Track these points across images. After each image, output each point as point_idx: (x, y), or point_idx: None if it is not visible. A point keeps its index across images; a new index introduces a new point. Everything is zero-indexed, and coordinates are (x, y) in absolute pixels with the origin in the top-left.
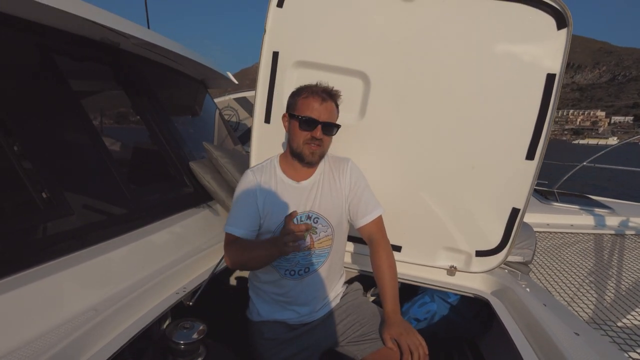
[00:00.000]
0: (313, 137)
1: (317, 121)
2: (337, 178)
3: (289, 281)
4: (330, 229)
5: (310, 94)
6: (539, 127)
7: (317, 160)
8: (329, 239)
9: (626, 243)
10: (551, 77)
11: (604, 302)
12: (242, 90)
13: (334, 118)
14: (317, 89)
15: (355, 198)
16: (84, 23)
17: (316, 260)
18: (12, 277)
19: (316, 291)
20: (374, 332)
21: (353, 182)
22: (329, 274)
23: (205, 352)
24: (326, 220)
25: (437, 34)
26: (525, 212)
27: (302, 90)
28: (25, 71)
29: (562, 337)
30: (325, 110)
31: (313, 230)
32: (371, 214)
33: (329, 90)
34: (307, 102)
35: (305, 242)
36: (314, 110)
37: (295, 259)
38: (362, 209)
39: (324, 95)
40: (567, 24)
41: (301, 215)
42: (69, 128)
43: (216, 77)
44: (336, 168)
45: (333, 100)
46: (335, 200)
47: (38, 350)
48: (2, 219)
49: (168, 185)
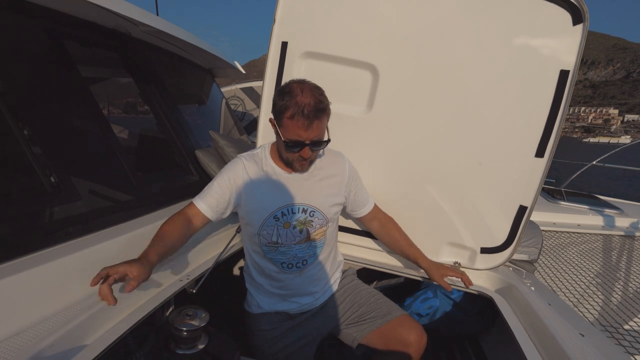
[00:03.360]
0: (301, 157)
1: (304, 143)
2: (332, 169)
3: (288, 274)
4: (325, 219)
5: (296, 114)
6: (550, 124)
7: (308, 168)
8: (323, 230)
9: (635, 245)
10: (565, 73)
11: (610, 304)
12: (249, 80)
13: (322, 133)
14: (304, 104)
15: (354, 189)
16: (94, 9)
17: (313, 251)
18: (19, 260)
19: (316, 281)
20: (372, 311)
21: (352, 174)
22: (326, 262)
23: (207, 339)
24: (321, 212)
25: (448, 26)
26: (532, 211)
27: (289, 103)
28: (35, 57)
29: (567, 338)
30: (313, 131)
31: (309, 223)
32: (370, 202)
33: (318, 105)
34: (293, 124)
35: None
36: (301, 134)
37: (292, 252)
38: (362, 199)
39: (312, 114)
40: (584, 20)
41: (297, 207)
42: (77, 114)
43: (223, 66)
44: (331, 160)
45: (323, 114)
46: (330, 191)
47: (42, 333)
48: (11, 201)
49: (174, 173)
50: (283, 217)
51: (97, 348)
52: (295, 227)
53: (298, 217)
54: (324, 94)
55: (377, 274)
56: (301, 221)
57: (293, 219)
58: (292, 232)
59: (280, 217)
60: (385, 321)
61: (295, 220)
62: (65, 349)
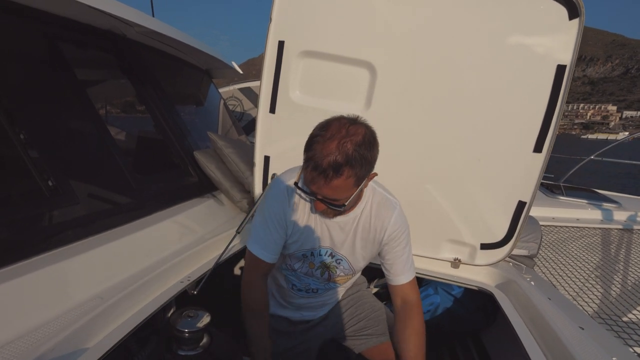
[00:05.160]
0: (314, 207)
1: (314, 196)
2: (373, 228)
3: (295, 295)
4: (352, 271)
5: (311, 166)
6: (547, 120)
7: (334, 217)
8: (347, 277)
9: (633, 238)
10: (561, 68)
11: (610, 296)
12: (247, 80)
13: (340, 194)
14: (322, 155)
15: (392, 253)
16: (89, 10)
17: (328, 287)
18: (18, 265)
19: (322, 305)
20: (370, 327)
21: (394, 237)
22: (339, 291)
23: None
24: (350, 264)
25: (445, 24)
26: (531, 206)
27: (312, 147)
28: (31, 59)
29: (567, 331)
30: (321, 189)
31: (333, 268)
32: (408, 273)
33: (335, 163)
34: (306, 171)
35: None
36: (309, 185)
37: (306, 281)
38: (400, 267)
39: (322, 171)
40: (579, 14)
41: (325, 250)
42: (74, 117)
43: (221, 66)
44: (377, 216)
45: (340, 174)
46: (365, 251)
47: (44, 337)
48: (9, 206)
49: (172, 174)
50: (311, 257)
51: (99, 351)
52: (317, 268)
53: (323, 260)
54: (363, 144)
55: (379, 272)
56: (326, 264)
57: (318, 260)
58: (314, 272)
59: (309, 257)
60: (379, 341)
61: (319, 262)
62: (67, 352)
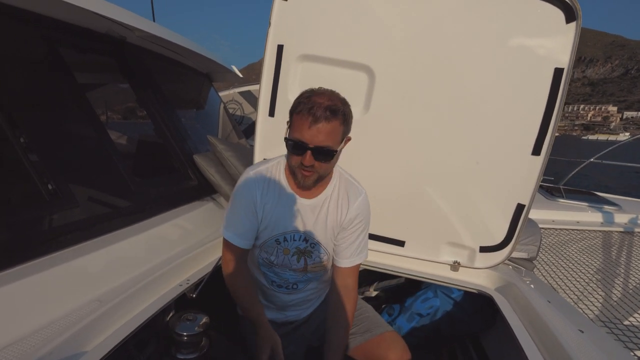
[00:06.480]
0: (302, 164)
1: (306, 146)
2: (341, 207)
3: (276, 292)
4: (327, 255)
5: (305, 110)
6: (545, 122)
7: (312, 185)
8: (323, 265)
9: (634, 241)
10: (559, 71)
11: (609, 300)
12: (247, 84)
13: (332, 140)
14: (316, 102)
15: (351, 236)
16: (90, 15)
17: (306, 279)
18: (18, 268)
19: (305, 302)
20: (353, 326)
21: (357, 220)
22: (319, 286)
23: (208, 343)
24: (324, 248)
25: (443, 27)
26: (530, 208)
27: (302, 100)
28: (31, 64)
29: (566, 335)
30: (319, 133)
31: (308, 253)
32: (358, 257)
33: (330, 107)
34: (299, 121)
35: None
36: (304, 132)
37: (285, 276)
38: (351, 251)
39: (319, 113)
40: (577, 17)
41: (299, 234)
42: (74, 121)
43: (221, 70)
44: (345, 197)
45: (335, 118)
46: (332, 229)
47: (42, 340)
48: (8, 209)
49: (172, 178)
50: (284, 242)
51: (97, 354)
52: (293, 254)
53: (298, 245)
54: (347, 103)
55: (378, 275)
56: (300, 250)
57: (293, 245)
58: (289, 259)
59: (282, 242)
60: (364, 339)
61: (294, 248)
62: (65, 356)
